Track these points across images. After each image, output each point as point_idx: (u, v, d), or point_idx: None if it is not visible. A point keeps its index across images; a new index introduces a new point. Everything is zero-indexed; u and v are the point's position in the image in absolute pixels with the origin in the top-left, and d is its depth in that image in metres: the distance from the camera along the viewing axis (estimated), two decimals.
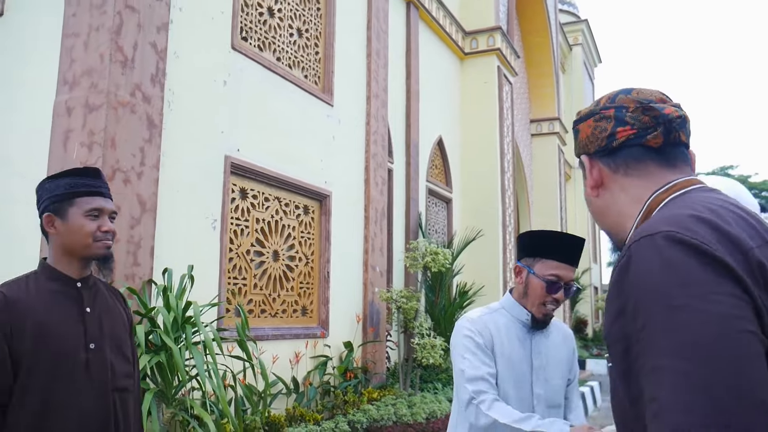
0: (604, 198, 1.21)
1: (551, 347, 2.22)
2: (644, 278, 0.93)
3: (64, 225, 1.96)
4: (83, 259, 1.98)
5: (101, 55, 4.12)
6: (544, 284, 2.09)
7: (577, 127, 1.25)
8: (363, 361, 6.84)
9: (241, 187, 5.41)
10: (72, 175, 2.01)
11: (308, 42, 6.47)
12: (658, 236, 0.94)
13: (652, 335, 0.89)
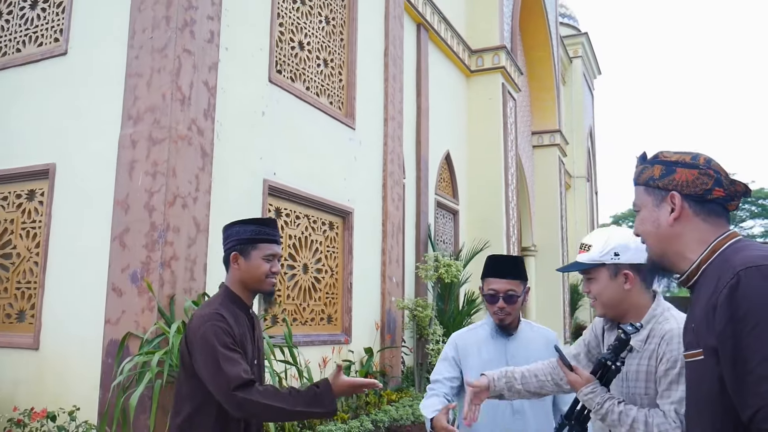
0: (676, 229, 1.54)
1: (529, 351, 2.62)
2: (756, 296, 1.28)
3: (246, 264, 2.36)
4: (254, 292, 2.42)
5: (163, 95, 4.67)
6: (488, 299, 2.64)
7: (676, 168, 1.56)
8: (381, 366, 7.39)
9: (276, 207, 5.96)
10: (257, 223, 2.42)
11: (333, 71, 7.03)
12: (763, 267, 1.31)
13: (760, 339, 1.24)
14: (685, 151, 1.58)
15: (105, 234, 4.75)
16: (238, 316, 2.32)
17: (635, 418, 1.87)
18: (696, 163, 1.54)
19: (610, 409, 1.92)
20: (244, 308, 2.38)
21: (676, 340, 1.90)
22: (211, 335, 2.16)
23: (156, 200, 4.54)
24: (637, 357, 1.99)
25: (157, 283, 4.43)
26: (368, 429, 5.98)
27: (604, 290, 2.09)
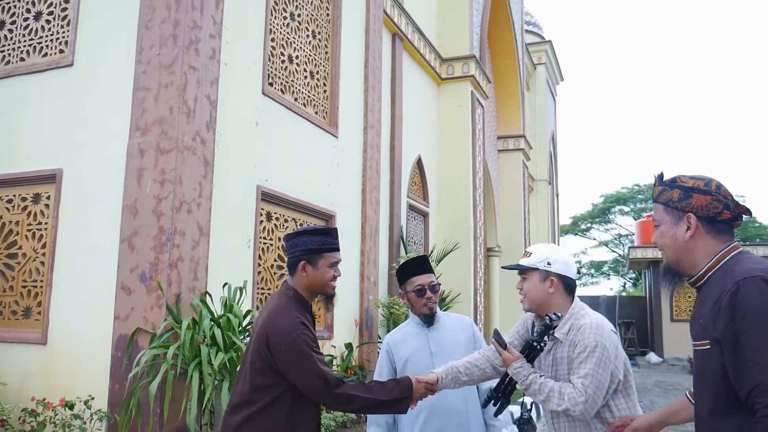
0: (690, 244, 1.92)
1: (447, 335, 3.08)
2: (752, 301, 1.66)
3: (314, 271, 2.59)
4: (316, 294, 2.69)
5: (171, 108, 5.05)
6: (415, 293, 3.11)
7: (693, 194, 1.91)
8: (360, 360, 7.85)
9: (267, 211, 6.37)
10: (323, 234, 2.65)
11: (318, 82, 7.46)
12: (757, 278, 1.69)
13: (757, 335, 1.62)
14: (699, 177, 1.95)
15: (113, 236, 5.10)
16: (306, 317, 2.57)
17: (551, 388, 2.42)
18: (709, 189, 1.91)
19: (533, 380, 2.46)
20: (310, 310, 2.65)
21: (588, 331, 2.43)
22: (302, 344, 2.39)
23: (164, 206, 4.92)
24: (561, 347, 2.52)
25: (165, 283, 4.81)
26: (351, 418, 6.45)
27: (533, 289, 2.59)
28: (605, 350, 2.38)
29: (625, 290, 40.62)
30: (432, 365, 3.01)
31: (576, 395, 2.36)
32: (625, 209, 40.28)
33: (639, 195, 39.68)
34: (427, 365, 3.02)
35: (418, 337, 3.12)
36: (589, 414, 2.37)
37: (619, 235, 40.94)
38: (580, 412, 2.35)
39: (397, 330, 3.24)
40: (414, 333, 3.14)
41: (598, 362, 2.36)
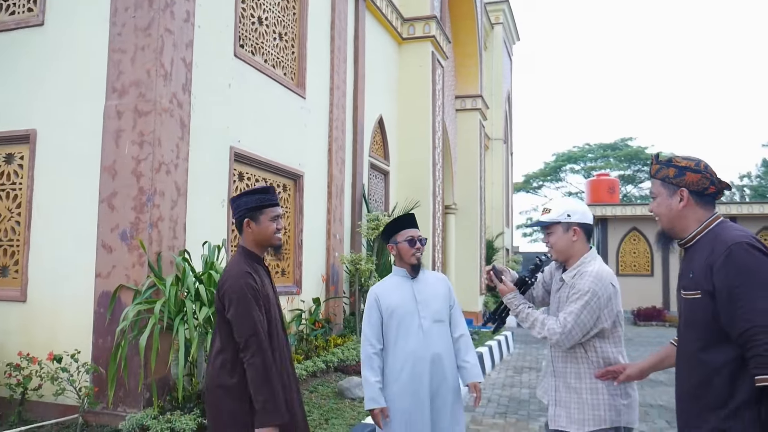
0: (683, 212, 2.31)
1: (428, 287, 3.43)
2: (742, 262, 2.06)
3: (257, 227, 2.88)
4: (265, 247, 2.98)
5: (148, 71, 5.14)
6: (407, 243, 3.42)
7: (686, 172, 2.30)
8: (326, 314, 8.18)
9: (240, 172, 6.54)
10: (260, 192, 2.92)
11: (287, 44, 7.56)
12: (744, 243, 2.09)
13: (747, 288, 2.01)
14: (690, 158, 2.35)
15: (92, 196, 5.23)
16: (257, 269, 2.88)
17: (536, 318, 2.90)
18: (699, 169, 2.31)
19: (522, 309, 2.96)
20: (261, 262, 2.97)
21: (587, 277, 2.81)
22: (244, 286, 2.72)
23: (143, 167, 5.06)
24: (566, 287, 2.91)
25: (147, 242, 4.99)
26: (320, 367, 6.79)
27: (558, 241, 2.96)
28: (596, 296, 2.76)
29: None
30: (417, 312, 3.35)
31: (555, 327, 2.78)
32: (575, 168, 41.31)
33: (589, 154, 40.70)
34: (412, 311, 3.35)
35: (404, 287, 3.43)
36: (563, 345, 2.79)
37: (570, 193, 42.02)
38: (555, 341, 2.78)
39: (383, 282, 3.52)
40: (400, 284, 3.45)
41: (585, 305, 2.75)
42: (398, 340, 3.32)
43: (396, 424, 3.25)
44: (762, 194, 37.04)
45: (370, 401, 3.26)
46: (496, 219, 22.70)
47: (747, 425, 2.06)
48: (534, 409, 7.18)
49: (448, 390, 3.34)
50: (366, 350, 3.34)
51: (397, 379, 3.28)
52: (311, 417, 5.33)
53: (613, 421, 2.77)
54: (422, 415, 3.25)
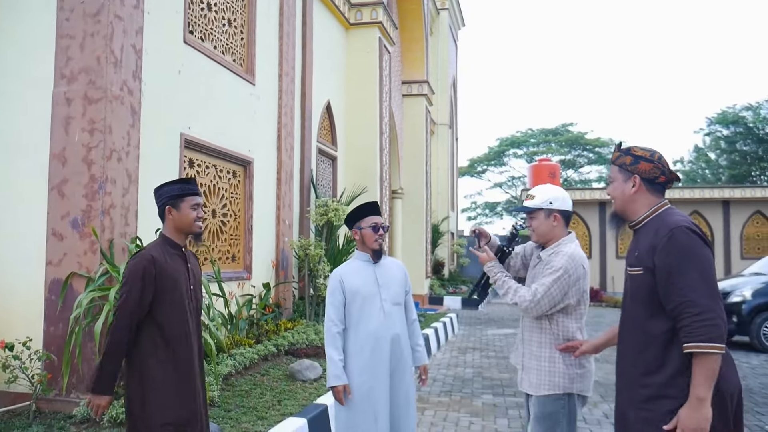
0: (634, 197, 2.55)
1: (388, 271, 3.62)
2: (681, 244, 2.32)
3: (178, 214, 3.09)
4: (186, 235, 3.15)
5: (98, 57, 5.13)
6: (371, 229, 3.62)
7: (640, 161, 2.53)
8: (276, 299, 8.29)
9: (190, 158, 6.57)
10: (181, 182, 3.16)
11: (236, 30, 7.57)
12: (683, 227, 2.35)
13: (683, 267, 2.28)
14: (647, 149, 2.59)
15: (42, 184, 5.19)
16: (171, 255, 3.02)
17: (510, 286, 3.21)
18: (652, 159, 2.55)
19: (499, 277, 3.27)
20: (177, 248, 3.07)
21: (561, 256, 3.12)
22: (133, 268, 2.88)
23: (94, 154, 5.06)
24: (542, 264, 3.21)
25: (99, 229, 5.01)
26: (272, 351, 6.93)
27: (540, 225, 3.25)
28: (567, 274, 3.06)
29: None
30: (379, 294, 3.54)
31: (527, 295, 3.09)
32: (518, 152, 42.16)
33: (532, 139, 41.59)
34: (374, 294, 3.53)
35: (367, 271, 3.60)
36: (531, 312, 3.10)
37: (513, 177, 42.96)
38: (525, 308, 3.10)
39: (346, 265, 3.68)
40: (362, 268, 3.61)
41: (557, 280, 3.04)
42: (361, 321, 3.49)
43: (358, 399, 3.42)
44: (693, 179, 38.65)
45: (335, 378, 3.40)
46: (441, 203, 23.10)
47: (680, 391, 2.32)
48: (477, 387, 7.50)
49: (405, 368, 3.55)
50: (330, 330, 3.49)
51: (359, 356, 3.46)
52: (264, 399, 5.47)
53: (566, 388, 3.08)
54: (382, 390, 3.45)
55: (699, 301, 2.26)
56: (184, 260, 3.12)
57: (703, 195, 21.18)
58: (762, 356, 9.85)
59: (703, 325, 2.24)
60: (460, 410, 6.38)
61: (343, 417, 3.46)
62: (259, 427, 4.67)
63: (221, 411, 5.00)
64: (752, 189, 21.45)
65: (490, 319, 15.57)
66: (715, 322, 2.25)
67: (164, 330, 2.94)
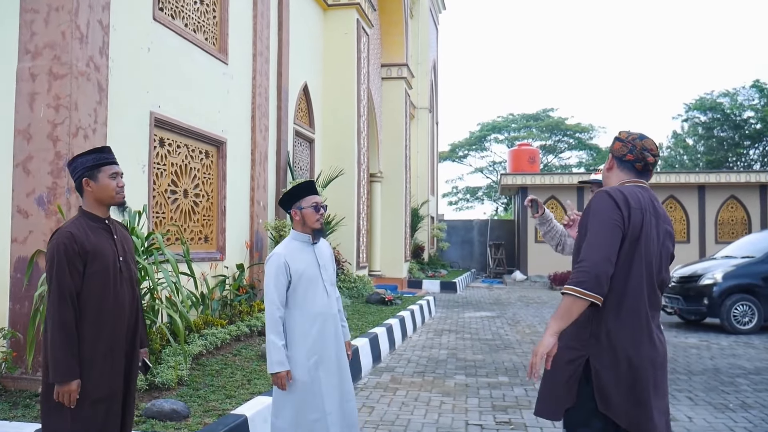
0: (609, 175, 2.76)
1: (324, 252, 3.65)
2: (594, 206, 2.54)
3: (96, 185, 2.91)
4: (109, 206, 3.03)
5: (63, 32, 5.04)
6: (312, 209, 3.60)
7: (615, 142, 2.74)
8: (251, 280, 8.27)
9: (160, 137, 6.50)
10: (96, 152, 2.97)
11: (208, 8, 7.48)
12: (604, 192, 2.55)
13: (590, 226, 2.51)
14: (629, 132, 2.76)
15: (6, 160, 5.11)
16: (93, 228, 2.91)
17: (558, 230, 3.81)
18: (623, 139, 2.73)
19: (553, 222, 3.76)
20: (99, 221, 2.95)
21: None
22: (54, 247, 2.80)
23: (60, 131, 4.99)
24: None
25: (65, 207, 4.95)
26: (244, 332, 6.92)
27: None
28: None
29: (497, 214, 43.15)
30: (320, 275, 3.54)
31: None
32: (499, 137, 42.25)
33: (513, 124, 41.68)
34: (316, 275, 3.53)
35: (307, 252, 3.58)
36: None
37: (494, 162, 43.06)
38: None
39: (286, 246, 3.61)
40: (302, 248, 3.59)
41: None
42: (306, 302, 3.47)
43: (308, 381, 3.41)
44: (672, 165, 39.01)
45: (278, 364, 3.35)
46: (421, 187, 23.11)
47: (572, 342, 2.55)
48: (450, 368, 7.55)
49: (342, 346, 3.63)
50: (273, 314, 3.43)
51: (306, 338, 3.45)
52: (234, 378, 5.46)
53: None
54: (332, 370, 3.47)
55: (586, 254, 2.46)
56: (108, 232, 3.01)
57: (679, 180, 21.40)
58: (731, 337, 10.02)
59: (576, 272, 2.46)
60: (432, 390, 6.43)
61: (287, 403, 3.42)
62: (227, 405, 4.66)
63: (190, 390, 4.99)
64: (727, 174, 21.72)
65: (468, 303, 15.68)
66: (586, 270, 2.43)
67: (88, 304, 2.86)
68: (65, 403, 2.76)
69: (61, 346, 2.73)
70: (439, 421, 5.32)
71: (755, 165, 35.68)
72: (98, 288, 2.88)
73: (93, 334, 2.85)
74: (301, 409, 3.40)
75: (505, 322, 11.81)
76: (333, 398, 3.46)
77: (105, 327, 2.88)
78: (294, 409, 3.41)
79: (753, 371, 7.36)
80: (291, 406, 3.41)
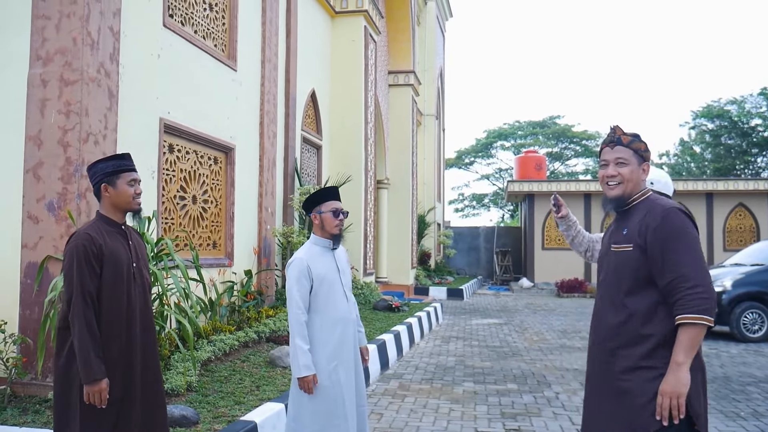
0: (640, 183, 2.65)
1: (342, 258, 3.70)
2: (676, 223, 2.46)
3: (115, 191, 2.99)
4: (125, 212, 3.08)
5: (74, 39, 5.06)
6: (331, 214, 3.60)
7: (648, 150, 2.66)
8: (258, 286, 8.27)
9: (169, 143, 6.52)
10: (116, 158, 3.06)
11: (217, 15, 7.51)
12: (676, 209, 2.49)
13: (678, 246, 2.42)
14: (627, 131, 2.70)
15: (17, 166, 5.13)
16: (109, 232, 2.97)
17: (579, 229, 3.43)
18: (649, 149, 2.69)
19: None
20: (116, 225, 3.02)
21: None
22: (74, 249, 2.85)
23: (71, 137, 5.01)
24: None
25: (75, 212, 4.96)
26: (252, 338, 6.91)
27: None
28: None
29: (503, 221, 43.07)
30: (340, 280, 3.55)
31: None
32: (506, 144, 42.20)
33: (519, 131, 41.64)
34: (336, 280, 3.54)
35: (327, 257, 3.60)
36: None
37: (500, 169, 43.00)
38: None
39: (307, 251, 3.62)
40: (322, 254, 3.60)
41: None
42: (328, 307, 3.48)
43: (328, 385, 3.40)
44: (679, 172, 38.87)
45: (305, 368, 3.34)
46: (427, 194, 23.11)
47: (660, 362, 2.42)
48: (459, 375, 7.53)
49: (359, 352, 3.65)
50: (299, 318, 3.42)
51: (328, 343, 3.45)
52: (242, 384, 5.45)
53: None
54: (349, 375, 3.48)
55: (691, 275, 2.38)
56: (124, 237, 3.06)
57: (687, 187, 21.32)
58: (741, 345, 9.95)
59: (695, 298, 2.35)
60: (441, 397, 6.40)
61: (309, 407, 3.40)
62: (236, 411, 4.66)
63: (199, 396, 4.98)
64: (735, 182, 21.61)
65: (475, 309, 15.63)
66: (705, 295, 2.36)
67: (102, 307, 2.88)
68: (96, 404, 2.79)
69: (90, 347, 2.77)
70: (448, 428, 5.29)
71: (763, 172, 35.53)
72: (112, 291, 2.92)
73: (107, 337, 2.88)
74: (323, 414, 3.39)
75: (513, 329, 11.76)
76: (352, 403, 3.46)
77: (117, 330, 2.90)
78: (314, 414, 3.40)
79: (764, 379, 7.31)
80: (311, 411, 3.40)
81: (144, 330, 3.05)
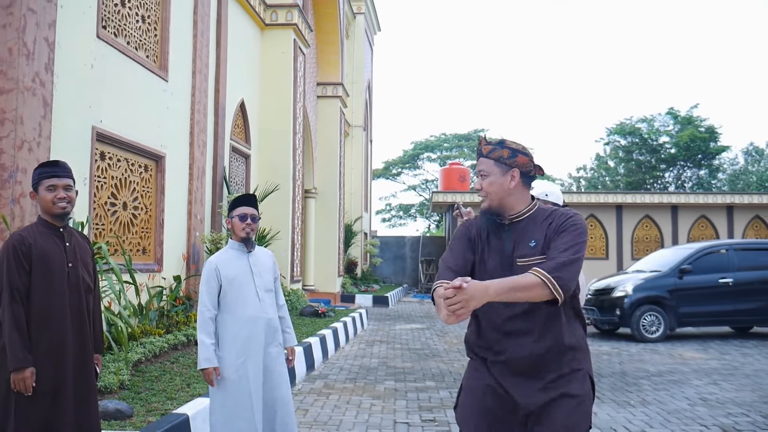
0: (513, 191, 2.45)
1: (260, 260, 3.85)
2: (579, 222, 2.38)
3: (39, 197, 3.19)
4: (55, 216, 3.24)
5: (10, 49, 5.22)
6: (238, 218, 3.90)
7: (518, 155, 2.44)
8: (187, 291, 8.46)
9: (101, 151, 6.69)
10: (42, 166, 3.25)
11: (150, 26, 7.72)
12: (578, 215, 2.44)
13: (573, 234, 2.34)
14: (518, 143, 2.50)
15: None
16: (44, 234, 3.17)
17: None
18: (527, 153, 2.48)
19: None
20: (52, 228, 3.21)
21: None
22: (4, 249, 3.06)
23: (5, 144, 5.16)
24: None
25: (9, 217, 5.11)
26: (182, 341, 7.13)
27: None
28: None
29: (429, 231, 44.00)
30: (253, 282, 3.84)
31: None
32: (432, 156, 43.24)
33: (445, 143, 42.77)
34: (249, 281, 3.83)
35: (241, 260, 3.88)
36: None
37: (426, 180, 43.98)
38: None
39: (220, 254, 3.93)
40: (236, 257, 3.89)
41: None
42: (237, 306, 3.76)
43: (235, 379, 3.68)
44: (595, 185, 40.85)
45: (205, 361, 3.64)
46: (355, 204, 23.54)
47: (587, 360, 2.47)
48: (381, 374, 7.95)
49: (277, 348, 3.90)
50: (204, 314, 3.72)
51: (236, 340, 3.74)
52: (173, 383, 5.69)
53: None
54: (257, 370, 3.75)
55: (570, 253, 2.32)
56: (61, 239, 3.23)
57: (599, 200, 22.60)
58: (640, 345, 10.81)
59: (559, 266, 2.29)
60: (363, 394, 6.80)
61: (218, 399, 3.70)
62: (169, 405, 4.91)
63: (131, 393, 5.20)
64: (642, 195, 23.09)
65: (399, 316, 16.13)
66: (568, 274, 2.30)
67: (33, 304, 3.10)
68: (21, 390, 2.99)
69: (16, 338, 2.99)
70: (369, 421, 5.70)
71: (670, 187, 37.83)
72: (42, 289, 3.12)
73: (36, 331, 3.08)
74: (232, 407, 3.67)
75: (434, 334, 12.30)
76: (259, 397, 3.71)
77: (47, 326, 3.11)
78: (222, 404, 3.68)
79: (655, 374, 8.07)
80: (219, 401, 3.69)
81: (77, 328, 3.23)
